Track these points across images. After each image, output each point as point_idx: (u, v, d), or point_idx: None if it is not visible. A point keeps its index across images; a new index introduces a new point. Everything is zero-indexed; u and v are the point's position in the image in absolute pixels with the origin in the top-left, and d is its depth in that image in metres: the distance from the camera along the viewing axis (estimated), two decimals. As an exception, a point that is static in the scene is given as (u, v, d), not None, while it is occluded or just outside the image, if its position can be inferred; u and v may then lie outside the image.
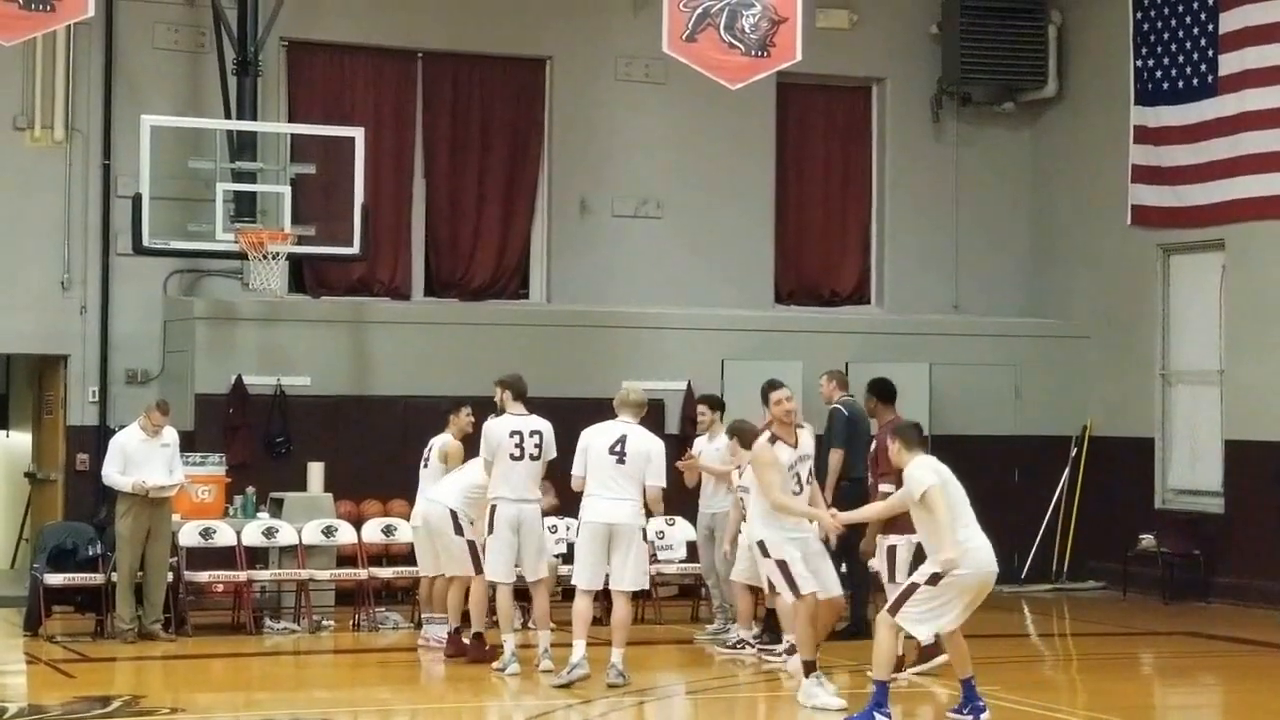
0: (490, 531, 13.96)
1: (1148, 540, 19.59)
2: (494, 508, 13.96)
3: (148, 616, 15.61)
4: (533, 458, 13.97)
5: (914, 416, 19.45)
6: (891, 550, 13.52)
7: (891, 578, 13.56)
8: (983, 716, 11.43)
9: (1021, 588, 19.92)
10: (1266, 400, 19.03)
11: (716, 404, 16.36)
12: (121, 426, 16.62)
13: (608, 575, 13.32)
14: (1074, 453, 20.88)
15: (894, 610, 11.31)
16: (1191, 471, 20.12)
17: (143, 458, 15.63)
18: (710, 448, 15.83)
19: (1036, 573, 20.40)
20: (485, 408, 14.77)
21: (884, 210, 21.87)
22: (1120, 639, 16.99)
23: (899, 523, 13.00)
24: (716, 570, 15.88)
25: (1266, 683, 14.51)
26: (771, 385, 13.11)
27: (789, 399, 12.91)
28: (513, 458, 13.92)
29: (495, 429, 14.09)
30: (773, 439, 12.70)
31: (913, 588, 11.31)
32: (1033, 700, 12.39)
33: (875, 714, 11.30)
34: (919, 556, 11.90)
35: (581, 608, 13.37)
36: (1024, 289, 21.99)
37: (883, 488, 13.65)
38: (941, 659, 13.19)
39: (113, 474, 15.52)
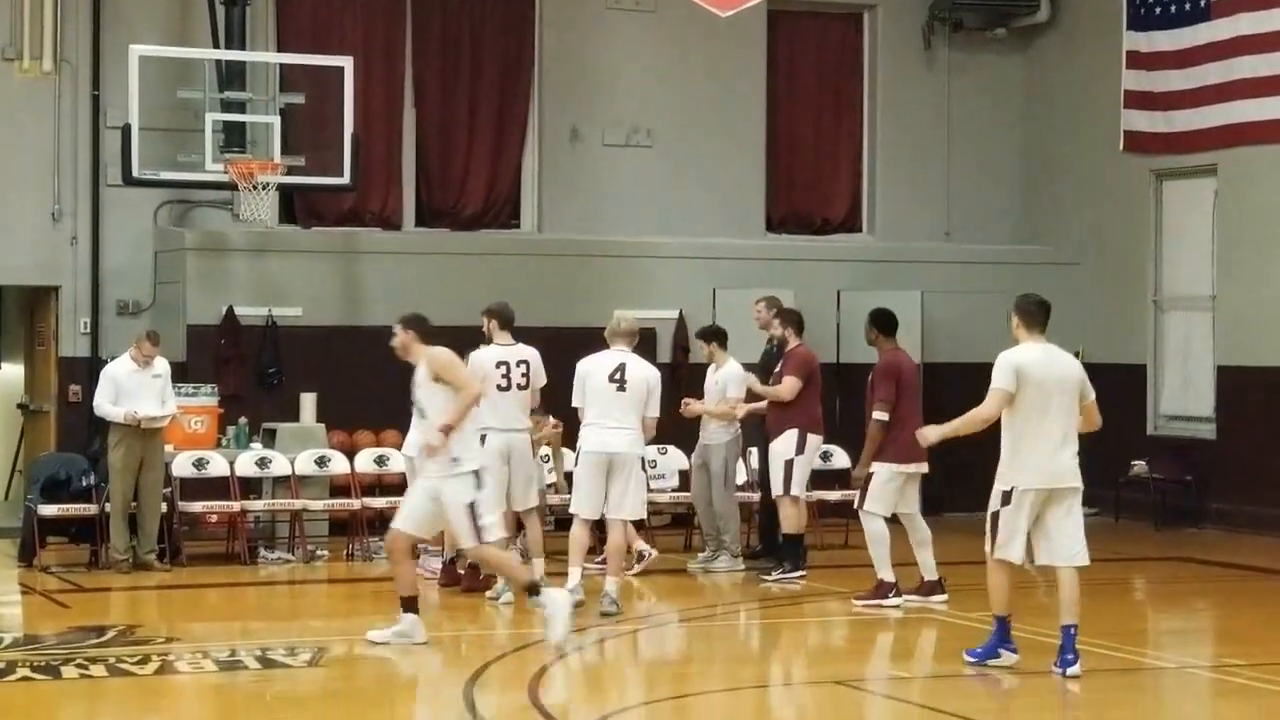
0: None
1: (1139, 466, 19.65)
2: (482, 438, 13.95)
3: (142, 547, 15.64)
4: (520, 387, 13.99)
5: (906, 344, 19.55)
6: (868, 478, 13.61)
7: (861, 503, 13.73)
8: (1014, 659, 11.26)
9: (1014, 514, 19.94)
10: (1258, 326, 19.05)
11: (709, 335, 16.25)
12: (113, 357, 16.59)
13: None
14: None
15: (992, 548, 11.17)
16: (1183, 397, 20.16)
17: (134, 388, 15.62)
18: (712, 379, 15.78)
19: (1029, 499, 20.42)
20: (476, 337, 14.75)
21: (875, 138, 21.81)
22: (1112, 565, 16.98)
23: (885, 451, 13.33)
24: (709, 500, 15.91)
25: (1257, 607, 14.58)
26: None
27: None
28: (500, 388, 13.92)
29: (481, 359, 14.07)
30: None
31: (994, 517, 11.16)
32: (1025, 625, 12.39)
33: (1000, 650, 11.21)
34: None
35: (579, 535, 13.42)
36: (1016, 216, 21.96)
37: (876, 415, 13.66)
38: (941, 598, 13.40)
39: (104, 405, 15.51)
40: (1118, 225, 20.79)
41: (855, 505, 13.93)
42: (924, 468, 13.80)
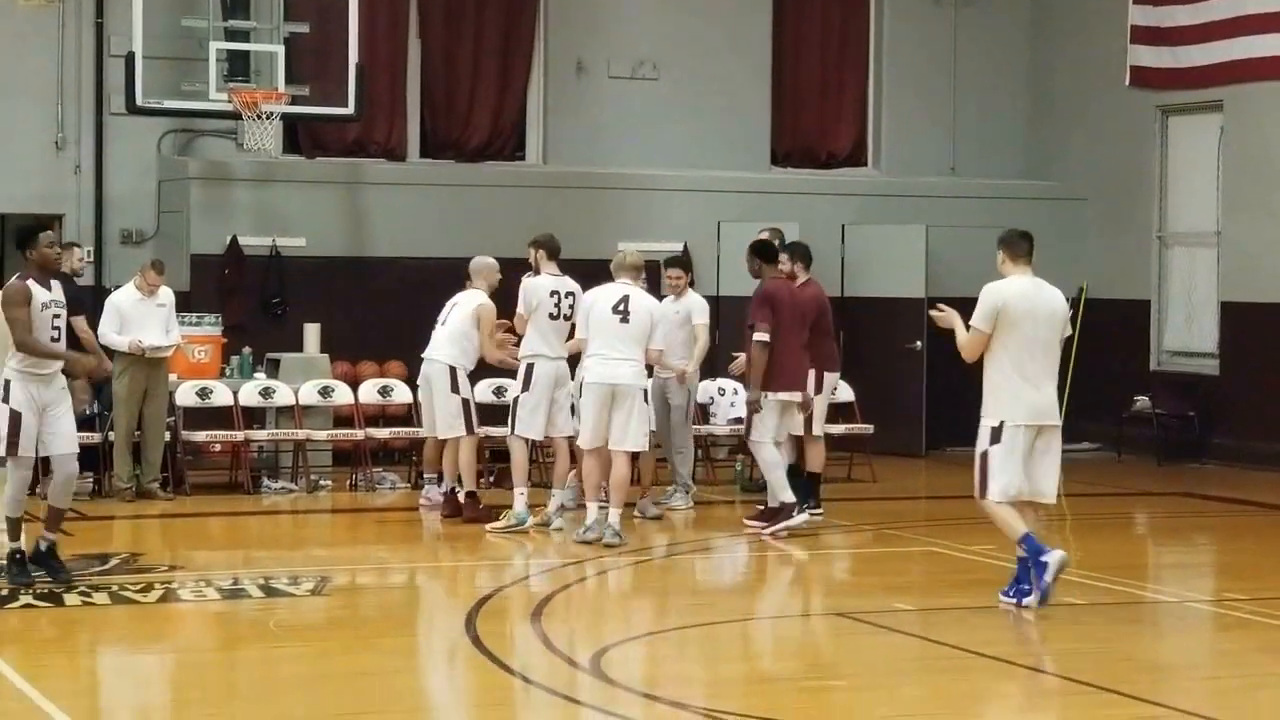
0: (525, 389, 13.97)
1: (1143, 402, 19.66)
2: (531, 365, 13.99)
3: (146, 475, 15.68)
4: (565, 318, 14.00)
5: (911, 279, 19.67)
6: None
7: (748, 433, 13.99)
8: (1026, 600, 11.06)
9: (1016, 449, 19.98)
10: (1263, 262, 19.02)
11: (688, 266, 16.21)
12: (117, 286, 16.60)
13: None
14: (1069, 315, 20.78)
15: (983, 494, 11.11)
16: (1187, 333, 20.15)
17: (139, 318, 15.63)
18: (671, 309, 15.28)
19: (1031, 434, 20.45)
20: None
21: (881, 72, 21.73)
22: (1114, 499, 17.09)
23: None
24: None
25: (1259, 542, 14.63)
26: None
27: None
28: (551, 316, 13.95)
29: (536, 286, 14.07)
30: None
31: (984, 457, 11.06)
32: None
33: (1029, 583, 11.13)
34: None
35: (590, 468, 13.47)
36: (1021, 151, 21.89)
37: (757, 336, 13.83)
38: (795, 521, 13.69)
39: (109, 334, 15.51)
40: (1123, 161, 20.73)
41: (744, 436, 14.37)
42: (797, 396, 13.98)
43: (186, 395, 16.24)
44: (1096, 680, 9.33)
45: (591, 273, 14.56)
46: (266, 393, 16.73)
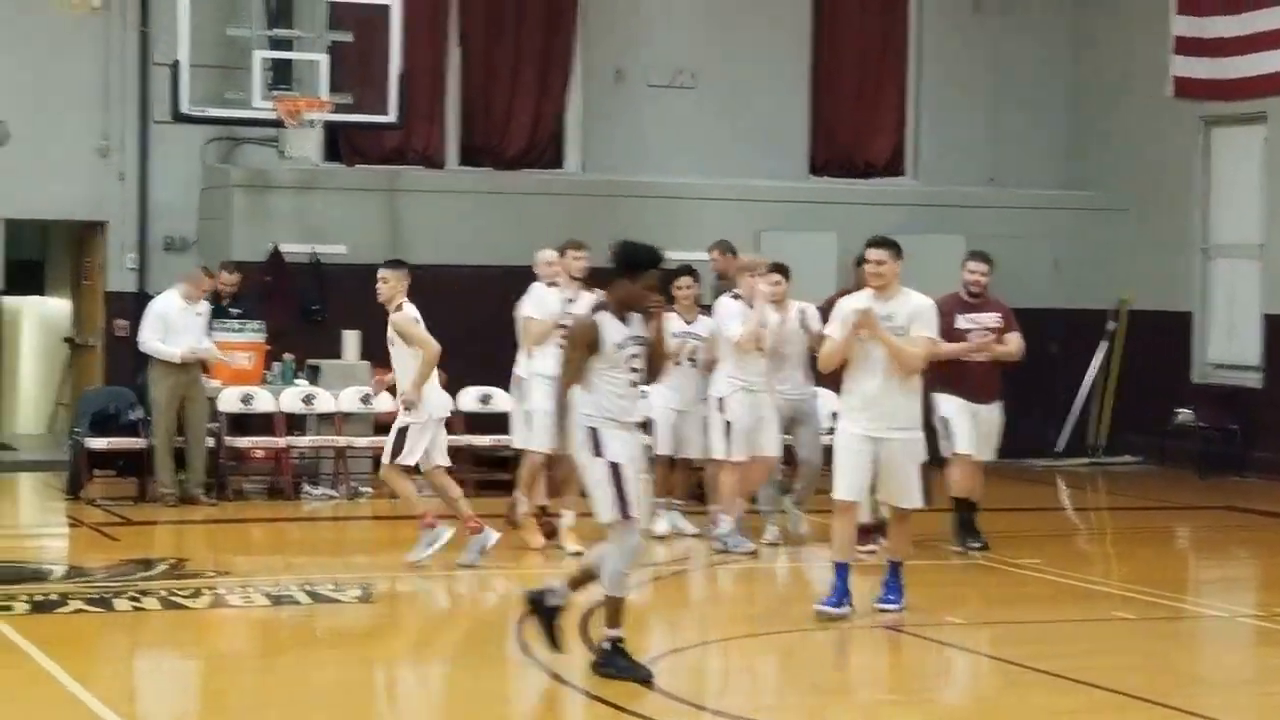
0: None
1: (1184, 414, 19.58)
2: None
3: (189, 481, 15.72)
4: None
5: (948, 290, 19.59)
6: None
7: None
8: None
9: (1057, 461, 19.97)
10: (1306, 274, 18.95)
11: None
12: (158, 292, 16.66)
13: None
14: (1112, 326, 20.83)
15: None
16: (1229, 345, 20.06)
17: (182, 325, 15.70)
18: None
19: (1073, 447, 20.44)
20: (521, 278, 14.74)
21: (920, 80, 21.70)
22: (1156, 513, 17.03)
23: None
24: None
25: (1302, 556, 14.57)
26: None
27: None
28: None
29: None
30: None
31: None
32: (1070, 573, 12.46)
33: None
34: None
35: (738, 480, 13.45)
36: (1062, 161, 21.84)
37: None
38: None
39: (153, 341, 15.55)
40: (1165, 172, 20.66)
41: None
42: None
43: (229, 402, 16.29)
44: (1147, 694, 9.32)
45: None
46: (308, 399, 16.77)
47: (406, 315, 12.90)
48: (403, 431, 12.92)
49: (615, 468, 9.29)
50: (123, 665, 10.11)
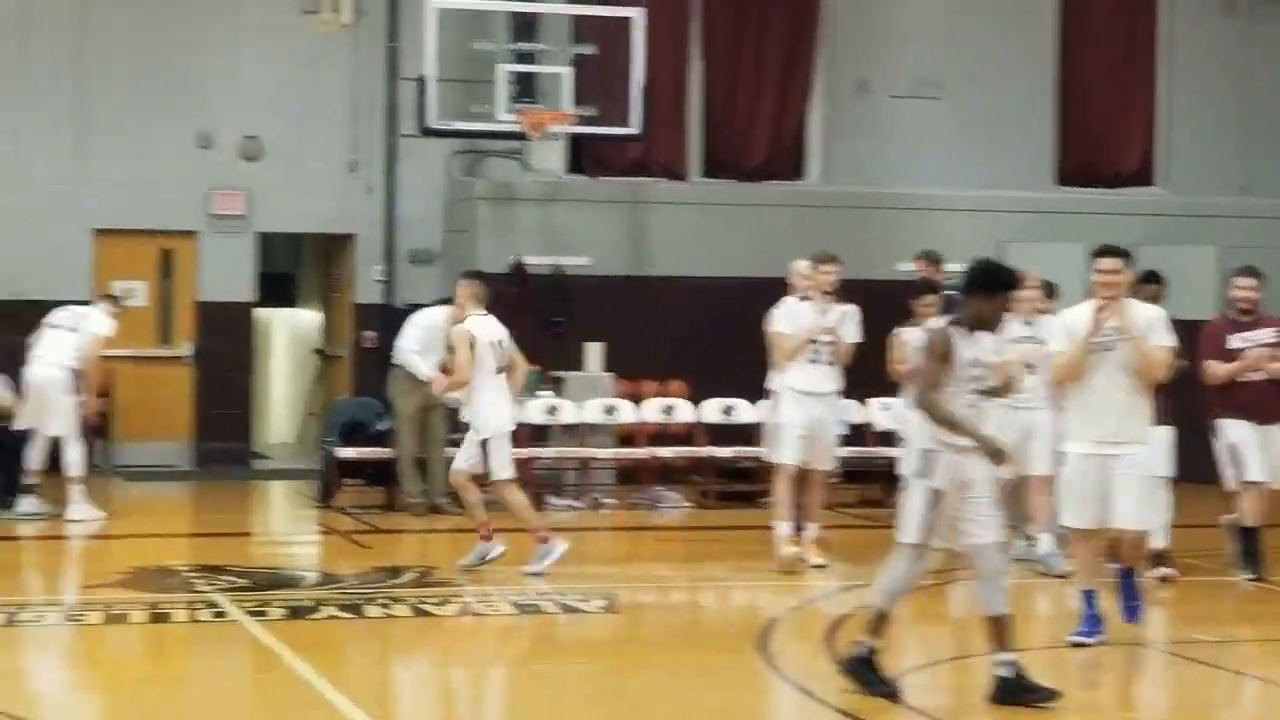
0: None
1: None
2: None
3: (431, 491, 15.91)
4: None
5: (1200, 302, 19.15)
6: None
7: None
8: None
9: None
10: None
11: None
12: (408, 305, 16.91)
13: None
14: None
15: None
16: None
17: (438, 343, 15.89)
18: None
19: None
20: (761, 289, 14.72)
21: (1170, 87, 21.28)
22: None
23: None
24: None
25: None
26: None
27: None
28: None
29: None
30: None
31: None
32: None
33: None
34: None
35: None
36: (1318, 170, 21.28)
37: None
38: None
39: (410, 355, 15.76)
40: None
41: None
42: None
43: (476, 412, 16.45)
44: None
45: (867, 293, 14.39)
46: (551, 411, 16.91)
47: (461, 331, 12.89)
48: (483, 445, 12.87)
49: (935, 495, 9.17)
50: (374, 670, 10.26)
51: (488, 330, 12.94)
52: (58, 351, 15.29)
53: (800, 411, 13.21)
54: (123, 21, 18.68)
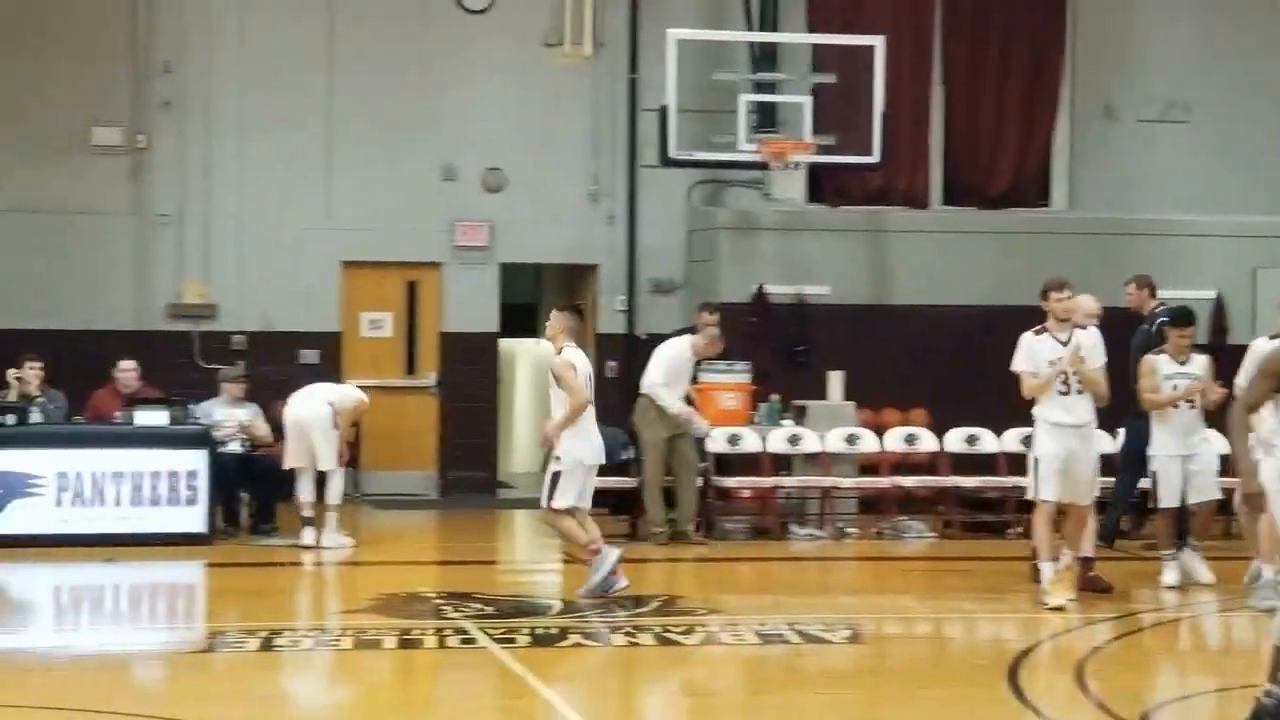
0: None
1: None
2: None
3: (679, 519, 15.93)
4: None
5: None
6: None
7: None
8: None
9: None
10: None
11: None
12: (649, 335, 17.00)
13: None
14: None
15: None
16: None
17: (685, 374, 15.97)
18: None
19: None
20: (1005, 317, 14.52)
21: None
22: None
23: None
24: None
25: None
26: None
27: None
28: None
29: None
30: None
31: None
32: None
33: None
34: None
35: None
36: None
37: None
38: None
39: (657, 388, 15.79)
40: None
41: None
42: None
43: (717, 442, 16.49)
44: None
45: (1119, 321, 14.14)
46: (794, 440, 16.86)
47: (564, 359, 12.99)
48: (555, 477, 13.01)
49: None
50: (622, 699, 10.30)
51: (584, 362, 13.18)
52: (320, 389, 15.73)
53: (1056, 444, 12.97)
54: (367, 59, 19.05)
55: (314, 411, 15.54)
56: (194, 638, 12.12)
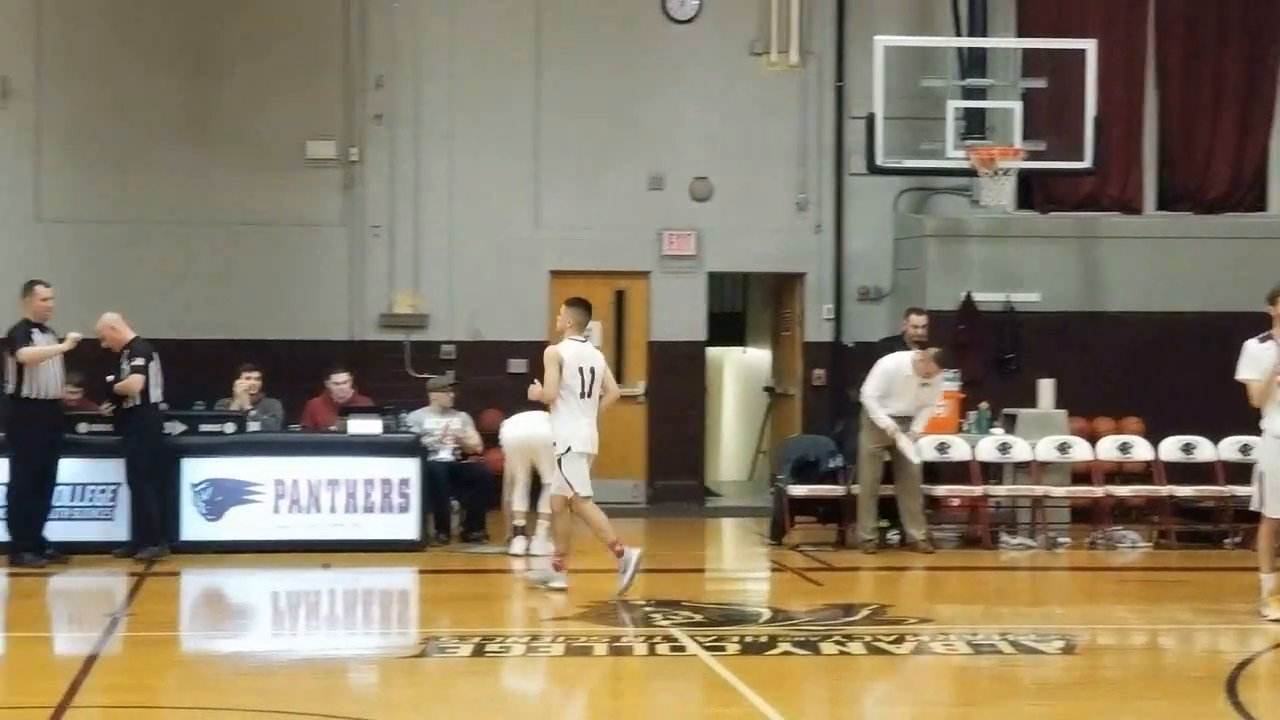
0: None
1: None
2: None
3: (911, 530, 15.75)
4: None
5: None
6: None
7: None
8: None
9: None
10: None
11: None
12: (857, 343, 16.94)
13: None
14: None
15: None
16: None
17: (901, 389, 15.84)
18: None
19: None
20: (1227, 324, 14.23)
21: None
22: None
23: None
24: None
25: None
26: None
27: None
28: None
29: None
30: None
31: None
32: None
33: None
34: None
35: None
36: None
37: None
38: None
39: (870, 401, 15.68)
40: None
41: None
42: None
43: (926, 450, 16.36)
44: None
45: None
46: (1004, 448, 16.69)
47: (552, 351, 13.42)
48: (559, 462, 13.40)
49: None
50: (833, 708, 10.26)
51: (579, 355, 13.37)
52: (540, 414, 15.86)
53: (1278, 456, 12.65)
54: (575, 69, 19.21)
55: (541, 428, 15.60)
56: (408, 643, 12.28)
